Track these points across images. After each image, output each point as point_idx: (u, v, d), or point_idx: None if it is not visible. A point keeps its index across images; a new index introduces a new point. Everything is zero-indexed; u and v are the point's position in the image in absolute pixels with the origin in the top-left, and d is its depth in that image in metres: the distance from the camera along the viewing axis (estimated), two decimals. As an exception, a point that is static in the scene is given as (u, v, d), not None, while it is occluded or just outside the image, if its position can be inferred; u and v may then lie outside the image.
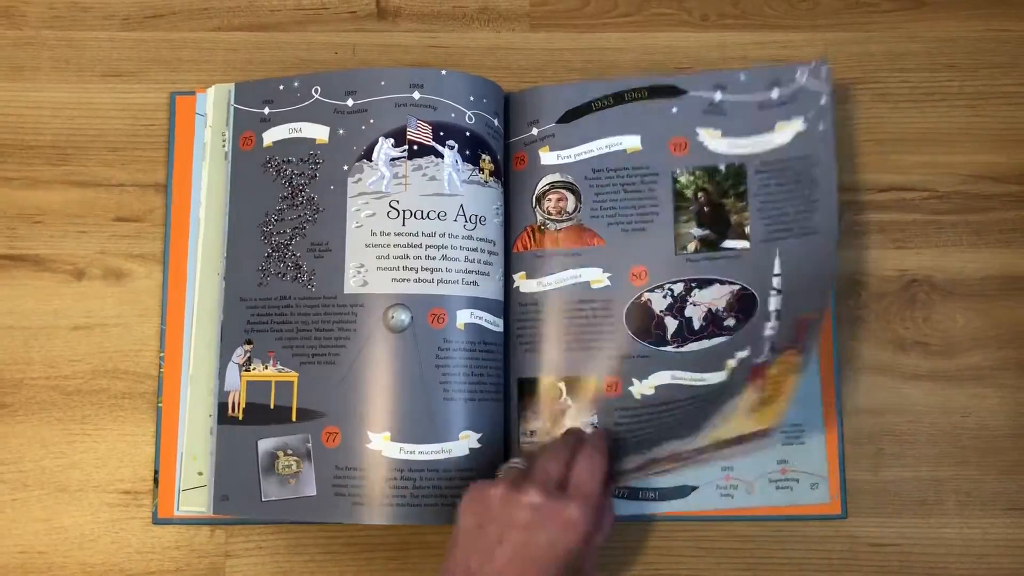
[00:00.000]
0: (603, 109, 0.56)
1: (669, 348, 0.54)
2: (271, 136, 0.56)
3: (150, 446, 0.55)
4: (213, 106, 0.57)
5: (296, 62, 0.59)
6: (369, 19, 0.60)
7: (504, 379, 0.55)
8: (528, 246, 0.56)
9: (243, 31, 0.60)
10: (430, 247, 0.53)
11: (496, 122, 0.56)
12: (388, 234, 0.53)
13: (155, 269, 0.57)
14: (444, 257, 0.53)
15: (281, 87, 0.56)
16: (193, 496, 0.54)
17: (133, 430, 0.56)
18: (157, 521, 0.55)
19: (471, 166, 0.54)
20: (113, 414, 0.56)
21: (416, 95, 0.54)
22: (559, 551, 0.44)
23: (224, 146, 0.57)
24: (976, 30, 0.60)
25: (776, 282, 0.53)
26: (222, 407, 0.54)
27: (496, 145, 0.56)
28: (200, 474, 0.54)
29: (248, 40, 0.60)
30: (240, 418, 0.54)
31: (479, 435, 0.53)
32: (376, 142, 0.54)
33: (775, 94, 0.55)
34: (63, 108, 0.59)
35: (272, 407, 0.53)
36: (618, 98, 0.56)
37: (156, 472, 0.55)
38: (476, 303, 0.53)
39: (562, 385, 0.54)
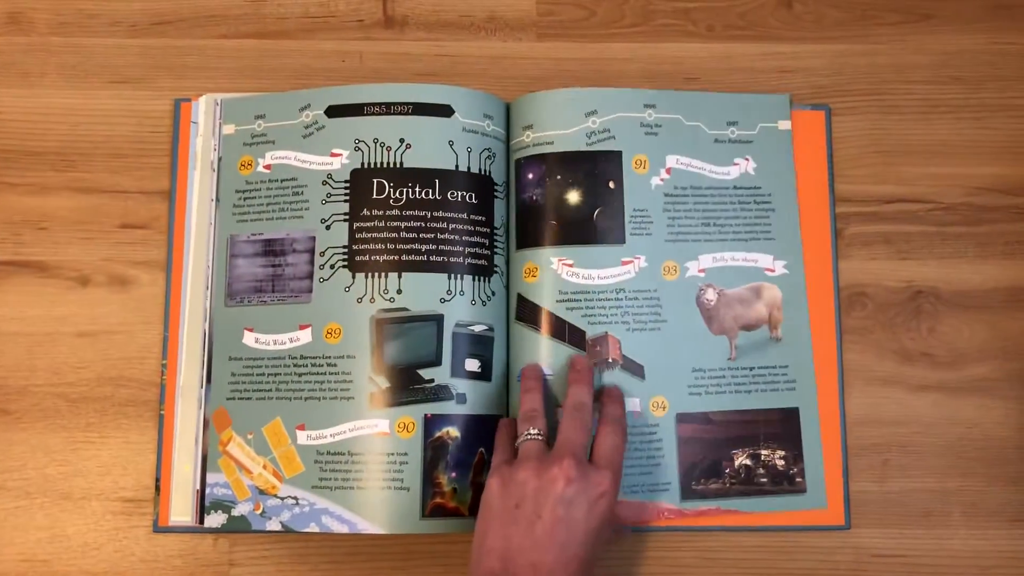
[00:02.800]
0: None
1: None
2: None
3: (153, 454, 0.55)
4: (203, 115, 0.58)
5: (303, 70, 0.59)
6: (376, 27, 0.60)
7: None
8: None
9: (250, 38, 0.60)
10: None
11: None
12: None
13: (159, 276, 0.57)
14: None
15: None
16: (185, 505, 0.54)
17: (137, 438, 0.56)
18: (157, 529, 0.54)
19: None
20: (117, 421, 0.56)
21: None
22: (594, 520, 0.46)
23: (212, 156, 0.57)
24: (982, 43, 0.60)
25: None
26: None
27: None
28: None
29: (255, 48, 0.60)
30: None
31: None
32: None
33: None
34: (69, 114, 0.59)
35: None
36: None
37: (157, 480, 0.55)
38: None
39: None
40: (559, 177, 0.56)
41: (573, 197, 0.56)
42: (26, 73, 0.59)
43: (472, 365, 0.54)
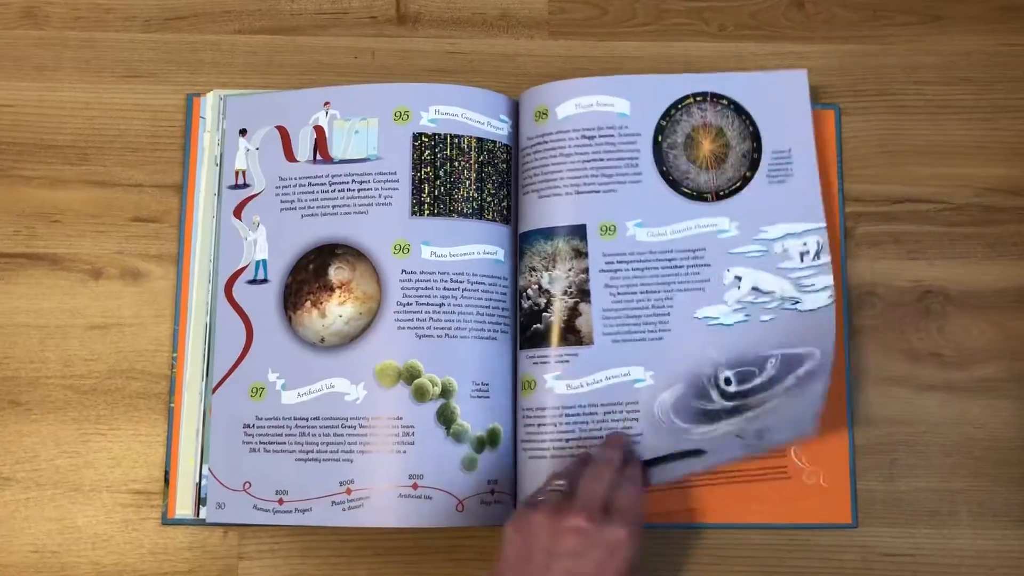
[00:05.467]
0: None
1: None
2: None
3: (163, 446, 0.55)
4: (210, 110, 0.58)
5: (316, 66, 0.60)
6: (389, 24, 0.61)
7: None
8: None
9: (263, 34, 0.60)
10: None
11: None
12: None
13: (171, 270, 0.57)
14: None
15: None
16: (187, 498, 0.54)
17: (147, 430, 0.56)
18: (166, 522, 0.55)
19: None
20: (127, 414, 0.56)
21: None
22: (607, 574, 0.44)
23: (216, 151, 0.57)
24: (991, 44, 0.61)
25: None
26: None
27: None
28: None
29: (268, 43, 0.60)
30: None
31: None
32: None
33: None
34: (84, 108, 0.59)
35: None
36: None
37: (166, 472, 0.55)
38: None
39: None
40: None
41: None
42: (41, 67, 0.59)
43: None
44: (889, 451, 0.56)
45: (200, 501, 0.54)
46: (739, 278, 0.54)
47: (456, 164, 0.55)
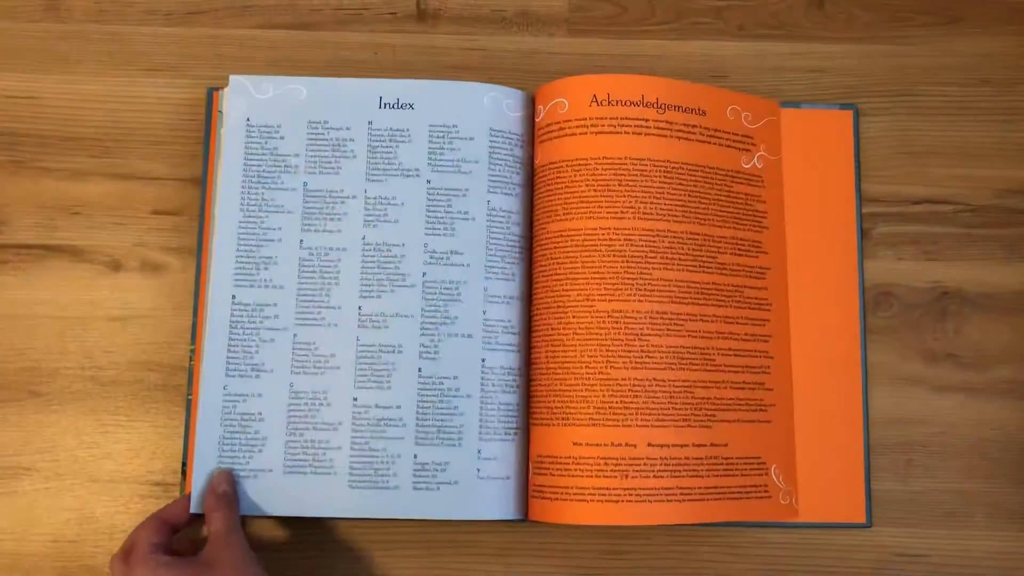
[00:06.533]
0: None
1: None
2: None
3: (181, 438, 0.56)
4: (228, 104, 0.58)
5: (336, 61, 0.60)
6: (409, 20, 0.61)
7: None
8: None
9: (284, 29, 0.60)
10: None
11: None
12: None
13: (191, 263, 0.58)
14: None
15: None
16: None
17: (166, 422, 0.56)
18: (183, 513, 0.55)
19: None
20: (146, 406, 0.56)
21: None
22: None
23: None
24: (1011, 46, 0.61)
25: None
26: None
27: None
28: None
29: (289, 38, 0.60)
30: None
31: None
32: None
33: None
34: (105, 101, 0.59)
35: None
36: None
37: (183, 464, 0.55)
38: None
39: None
40: None
41: None
42: (64, 60, 0.60)
43: None
44: (905, 451, 0.56)
45: None
46: None
47: None
